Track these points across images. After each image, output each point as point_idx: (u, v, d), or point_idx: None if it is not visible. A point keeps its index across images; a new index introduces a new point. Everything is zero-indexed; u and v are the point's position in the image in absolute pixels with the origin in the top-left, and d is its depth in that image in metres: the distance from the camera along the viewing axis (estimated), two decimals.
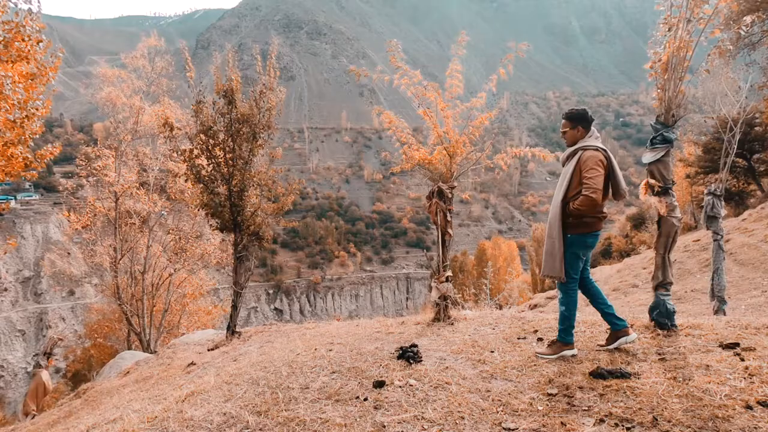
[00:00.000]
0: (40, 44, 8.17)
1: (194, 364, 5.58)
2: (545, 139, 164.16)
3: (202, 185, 7.52)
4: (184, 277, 14.51)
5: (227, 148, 7.52)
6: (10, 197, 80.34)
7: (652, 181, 3.85)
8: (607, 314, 3.73)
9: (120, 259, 12.68)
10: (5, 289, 69.60)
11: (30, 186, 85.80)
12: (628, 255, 26.82)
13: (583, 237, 3.63)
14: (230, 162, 7.54)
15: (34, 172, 8.37)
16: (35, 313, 70.26)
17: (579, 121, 3.73)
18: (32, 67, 8.14)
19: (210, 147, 7.47)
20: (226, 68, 7.39)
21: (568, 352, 3.61)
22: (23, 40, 7.91)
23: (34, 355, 65.01)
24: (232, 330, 7.73)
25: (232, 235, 7.88)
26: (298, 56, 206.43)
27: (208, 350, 7.34)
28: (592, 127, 3.72)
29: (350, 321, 6.51)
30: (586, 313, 5.14)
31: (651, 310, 3.98)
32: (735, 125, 6.41)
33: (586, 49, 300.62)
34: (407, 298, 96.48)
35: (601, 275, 19.62)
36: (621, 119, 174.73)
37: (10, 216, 76.09)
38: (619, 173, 3.59)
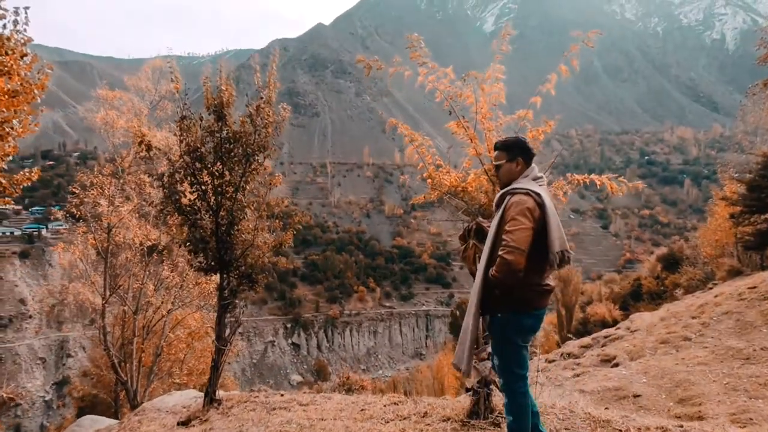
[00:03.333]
0: (25, 58, 7.26)
1: None
2: (566, 178, 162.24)
3: (182, 216, 6.21)
4: (179, 319, 13.11)
5: (216, 173, 6.25)
6: (41, 226, 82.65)
7: None
8: None
9: (109, 297, 11.46)
10: (30, 317, 69.97)
11: (63, 215, 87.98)
12: (660, 297, 24.79)
13: (518, 317, 2.66)
14: (218, 189, 6.25)
15: (9, 198, 7.35)
16: (57, 341, 70.21)
17: (519, 151, 2.62)
18: (16, 83, 7.23)
19: (196, 171, 6.21)
20: (218, 79, 6.23)
21: None
22: (6, 53, 7.02)
23: (52, 384, 64.19)
24: (210, 398, 6.20)
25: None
26: (323, 94, 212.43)
27: (178, 424, 5.84)
28: (533, 164, 2.67)
29: (355, 398, 4.93)
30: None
31: None
32: None
33: (608, 88, 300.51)
34: (427, 336, 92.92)
35: (642, 323, 17.53)
36: (646, 157, 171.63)
37: (39, 244, 78.09)
38: (556, 229, 2.53)
